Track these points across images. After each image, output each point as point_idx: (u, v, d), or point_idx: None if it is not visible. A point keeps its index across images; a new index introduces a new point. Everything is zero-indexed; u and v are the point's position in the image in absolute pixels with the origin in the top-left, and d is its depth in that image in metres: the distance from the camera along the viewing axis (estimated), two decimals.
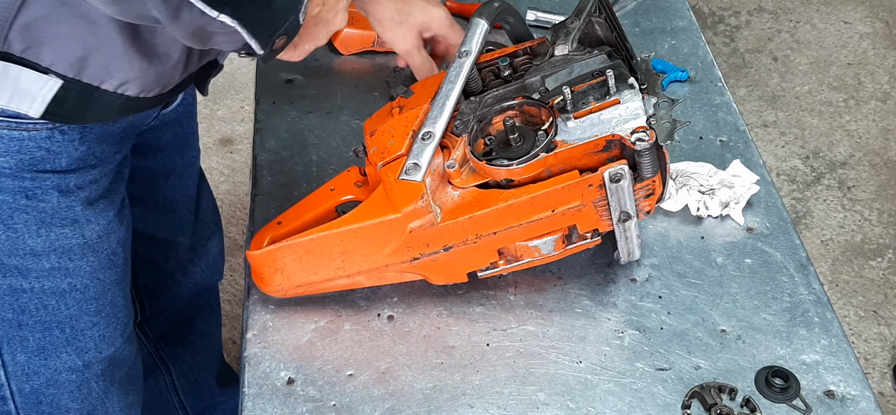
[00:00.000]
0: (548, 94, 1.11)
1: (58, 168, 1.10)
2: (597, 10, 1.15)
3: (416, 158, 1.08)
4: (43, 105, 1.02)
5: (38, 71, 1.00)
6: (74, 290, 1.20)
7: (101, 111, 1.07)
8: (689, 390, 1.09)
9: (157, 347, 1.69)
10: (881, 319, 2.45)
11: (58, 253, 1.16)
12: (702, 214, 1.29)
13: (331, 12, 1.09)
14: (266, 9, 0.95)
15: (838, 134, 2.95)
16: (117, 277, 1.26)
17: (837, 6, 3.41)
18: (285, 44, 1.00)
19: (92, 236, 1.18)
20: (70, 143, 1.09)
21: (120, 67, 1.03)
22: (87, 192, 1.16)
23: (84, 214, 1.16)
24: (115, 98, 1.06)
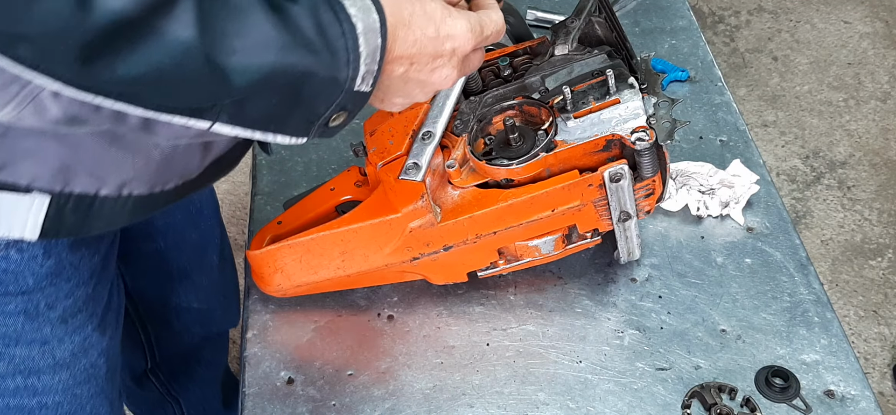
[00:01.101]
0: (548, 94, 1.11)
1: (23, 289, 0.97)
2: (597, 9, 1.15)
3: (416, 158, 1.08)
4: (36, 227, 0.90)
5: (18, 191, 0.88)
6: (45, 408, 1.07)
7: (112, 218, 0.94)
8: (689, 390, 1.09)
9: (168, 386, 1.64)
10: (881, 318, 2.45)
11: (24, 374, 1.04)
12: (702, 213, 1.29)
13: (424, 71, 0.86)
14: (288, 102, 0.79)
15: (838, 134, 2.95)
16: (98, 389, 1.13)
17: (837, 6, 3.41)
18: (347, 118, 0.84)
19: (64, 355, 1.06)
20: (32, 259, 0.96)
21: (111, 171, 0.90)
22: (59, 310, 1.03)
23: (55, 333, 1.04)
24: (122, 202, 0.93)
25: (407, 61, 0.84)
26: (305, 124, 0.82)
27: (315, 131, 0.83)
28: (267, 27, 0.73)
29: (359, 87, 0.80)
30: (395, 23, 0.82)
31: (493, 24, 0.91)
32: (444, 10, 0.85)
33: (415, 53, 0.84)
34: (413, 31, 0.83)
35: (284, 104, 0.78)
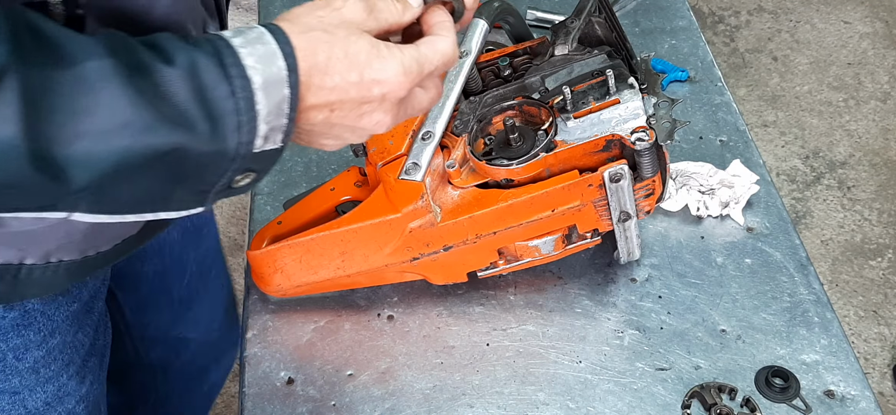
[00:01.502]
0: (548, 94, 1.11)
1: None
2: (597, 9, 1.15)
3: (416, 158, 1.08)
4: None
5: None
6: None
7: (42, 286, 0.88)
8: (689, 390, 1.09)
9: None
10: (881, 318, 2.45)
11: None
12: (702, 213, 1.29)
13: (350, 118, 0.76)
14: (163, 182, 0.68)
15: (838, 134, 2.95)
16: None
17: (837, 6, 3.41)
18: (257, 177, 0.74)
19: (37, 406, 1.01)
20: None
21: (31, 243, 0.84)
22: (29, 360, 0.97)
23: (25, 383, 0.98)
24: (52, 268, 0.87)
25: (326, 109, 0.74)
26: (197, 196, 0.72)
27: (214, 198, 0.73)
28: (121, 104, 0.61)
29: (263, 148, 0.70)
30: (310, 68, 0.71)
31: (438, 56, 0.78)
32: (372, 51, 0.74)
33: (335, 100, 0.73)
34: (332, 77, 0.72)
35: (159, 185, 0.68)
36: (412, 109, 0.80)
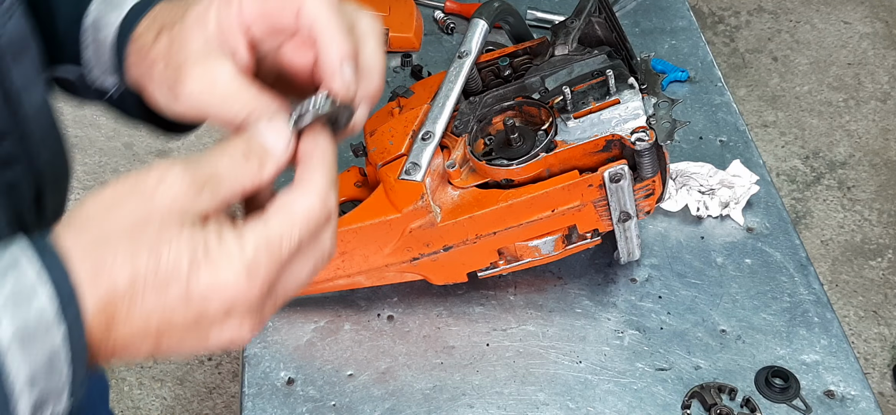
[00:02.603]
0: (548, 94, 1.11)
1: None
2: (597, 9, 1.15)
3: (416, 158, 1.08)
4: None
5: None
6: None
7: None
8: (689, 390, 1.09)
9: None
10: (881, 319, 2.45)
11: None
12: (702, 214, 1.29)
13: (190, 341, 0.56)
14: None
15: (838, 134, 2.95)
16: None
17: (837, 6, 3.41)
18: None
19: None
20: None
21: None
22: None
23: None
24: None
25: (149, 339, 0.54)
26: None
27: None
28: None
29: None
30: (106, 296, 0.51)
31: (300, 225, 0.57)
32: (196, 256, 0.53)
33: (157, 329, 0.54)
34: (142, 302, 0.52)
35: None
36: (288, 293, 0.59)
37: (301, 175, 0.59)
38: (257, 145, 0.58)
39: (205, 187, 0.55)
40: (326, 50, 0.60)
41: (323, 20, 0.60)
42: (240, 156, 0.57)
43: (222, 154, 0.57)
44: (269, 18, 0.62)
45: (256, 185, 0.58)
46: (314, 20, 0.60)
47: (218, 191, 0.56)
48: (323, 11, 0.60)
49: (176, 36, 0.63)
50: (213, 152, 0.57)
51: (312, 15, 0.60)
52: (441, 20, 1.64)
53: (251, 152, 0.58)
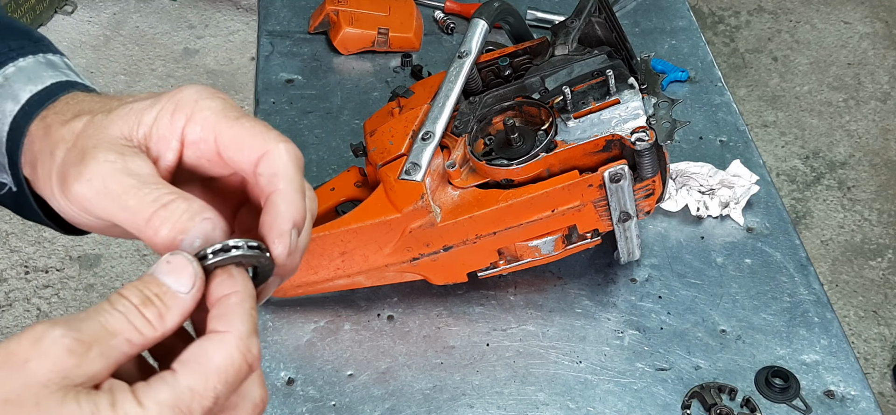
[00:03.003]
0: (548, 94, 1.11)
1: None
2: (597, 10, 1.15)
3: (416, 158, 1.08)
4: None
5: None
6: None
7: None
8: (689, 391, 1.09)
9: None
10: (881, 319, 2.45)
11: None
12: (702, 214, 1.29)
13: None
14: None
15: (838, 134, 2.95)
16: None
17: (837, 6, 3.41)
18: None
19: None
20: None
21: None
22: None
23: None
24: None
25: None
26: None
27: None
28: None
29: None
30: None
31: (216, 382, 0.49)
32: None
33: None
34: None
35: None
36: None
37: (216, 321, 0.50)
38: (157, 287, 0.49)
39: (92, 348, 0.46)
40: (282, 209, 0.54)
41: (288, 178, 0.55)
42: (135, 303, 0.49)
43: (113, 305, 0.48)
44: (224, 150, 0.55)
45: (157, 337, 0.49)
46: (279, 175, 0.55)
47: (109, 351, 0.47)
48: (290, 168, 0.55)
49: (96, 122, 0.56)
50: (101, 306, 0.48)
51: (279, 168, 0.55)
52: (441, 20, 1.64)
53: (149, 298, 0.49)
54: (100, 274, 2.47)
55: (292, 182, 0.55)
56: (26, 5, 3.06)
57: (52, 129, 0.58)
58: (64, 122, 0.58)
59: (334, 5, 1.56)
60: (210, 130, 0.55)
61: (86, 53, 3.10)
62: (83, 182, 0.53)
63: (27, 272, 2.47)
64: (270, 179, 0.55)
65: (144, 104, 0.56)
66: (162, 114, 0.55)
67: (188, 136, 0.55)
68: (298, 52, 1.56)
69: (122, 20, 3.24)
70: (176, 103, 0.55)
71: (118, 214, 0.53)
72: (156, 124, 0.55)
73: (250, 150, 0.55)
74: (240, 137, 0.55)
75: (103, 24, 3.22)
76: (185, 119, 0.55)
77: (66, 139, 0.56)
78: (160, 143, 0.55)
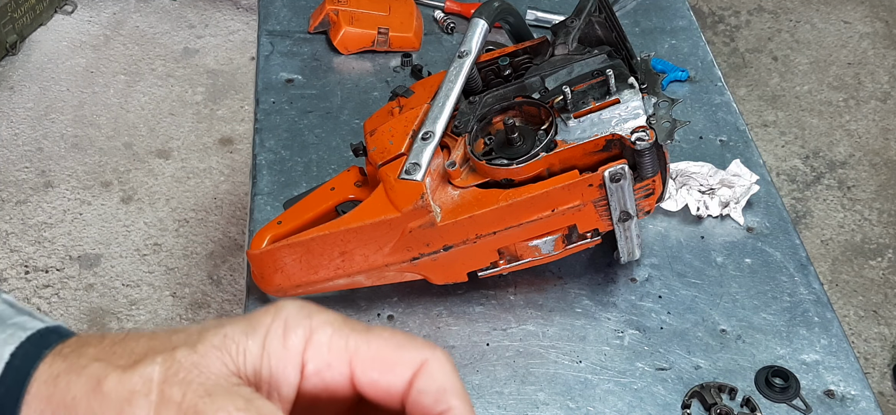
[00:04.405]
0: (548, 94, 1.11)
1: None
2: (597, 9, 1.15)
3: (416, 158, 1.08)
4: None
5: None
6: None
7: None
8: (689, 390, 1.09)
9: None
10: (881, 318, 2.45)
11: None
12: (702, 213, 1.29)
13: None
14: None
15: (838, 134, 2.95)
16: None
17: (837, 6, 3.41)
18: None
19: None
20: None
21: None
22: None
23: None
24: None
25: None
26: None
27: None
28: None
29: None
30: None
31: None
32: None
33: None
34: None
35: None
36: None
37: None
38: None
39: None
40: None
41: (458, 393, 0.46)
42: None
43: None
44: (365, 371, 0.45)
45: None
46: (448, 390, 0.46)
47: None
48: (457, 380, 0.46)
49: (183, 363, 0.44)
50: None
51: (445, 382, 0.46)
52: (441, 20, 1.64)
53: None
54: (100, 274, 2.47)
55: (463, 397, 0.46)
56: (26, 5, 3.05)
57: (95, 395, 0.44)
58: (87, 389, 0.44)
59: (334, 5, 1.56)
60: (340, 350, 0.45)
61: (86, 53, 3.10)
62: None
63: (27, 272, 2.47)
64: (438, 395, 0.45)
65: (239, 329, 0.45)
66: (271, 340, 0.44)
67: (310, 360, 0.45)
68: (298, 51, 1.56)
69: (122, 20, 3.24)
70: (284, 323, 0.45)
71: None
72: (266, 354, 0.45)
73: (403, 364, 0.45)
74: (383, 353, 0.45)
75: (103, 23, 3.22)
76: (302, 342, 0.45)
77: (150, 389, 0.43)
78: (274, 377, 0.45)
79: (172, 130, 2.86)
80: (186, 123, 2.88)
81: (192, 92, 2.98)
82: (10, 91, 2.96)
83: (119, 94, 2.97)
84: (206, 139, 2.83)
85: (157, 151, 2.80)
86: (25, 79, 3.00)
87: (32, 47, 3.10)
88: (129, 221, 2.60)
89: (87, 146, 2.80)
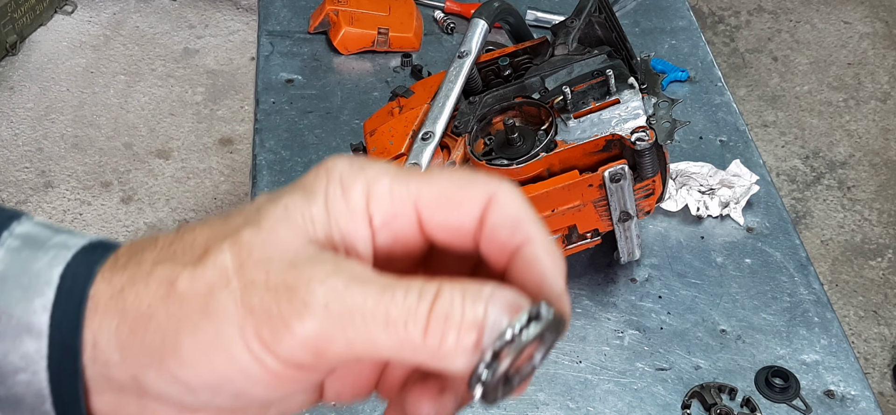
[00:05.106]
0: (548, 94, 1.11)
1: None
2: (597, 9, 1.15)
3: (416, 158, 1.08)
4: None
5: None
6: None
7: None
8: (689, 390, 1.09)
9: None
10: (881, 319, 2.45)
11: None
12: (702, 213, 1.29)
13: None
14: None
15: (838, 134, 2.95)
16: None
17: (837, 6, 3.41)
18: None
19: None
20: None
21: None
22: None
23: None
24: None
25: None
26: None
27: None
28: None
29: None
30: None
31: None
32: None
33: None
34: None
35: None
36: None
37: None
38: None
39: None
40: (547, 262, 0.42)
41: (534, 222, 0.42)
42: None
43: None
44: (432, 214, 0.42)
45: None
46: (523, 219, 0.42)
47: None
48: (530, 210, 0.42)
49: (251, 246, 0.40)
50: None
51: (520, 213, 0.42)
52: (441, 20, 1.64)
53: None
54: None
55: (540, 225, 0.42)
56: (26, 5, 3.05)
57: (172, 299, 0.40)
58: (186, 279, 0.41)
59: (334, 5, 1.56)
60: (403, 197, 0.42)
61: (86, 53, 3.10)
62: (314, 317, 0.38)
63: None
64: (514, 228, 0.42)
65: (298, 197, 0.41)
66: (332, 201, 0.41)
67: (376, 214, 0.42)
68: (298, 52, 1.56)
69: (122, 20, 3.24)
70: (340, 183, 0.41)
71: (377, 335, 0.38)
72: (330, 215, 0.41)
73: (470, 201, 0.42)
74: (447, 192, 0.42)
75: (103, 23, 3.22)
76: (364, 197, 0.42)
77: (229, 277, 0.40)
78: (346, 238, 0.42)
79: (172, 131, 2.86)
80: (186, 123, 2.88)
81: (192, 92, 2.98)
82: (9, 91, 2.96)
83: (119, 94, 2.97)
84: (206, 139, 2.83)
85: (157, 152, 2.80)
86: (25, 79, 3.00)
87: (32, 47, 3.10)
88: (129, 222, 2.60)
89: (87, 146, 2.80)
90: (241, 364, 0.39)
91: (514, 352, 0.37)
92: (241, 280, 0.39)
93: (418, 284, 0.38)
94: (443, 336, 0.37)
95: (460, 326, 0.37)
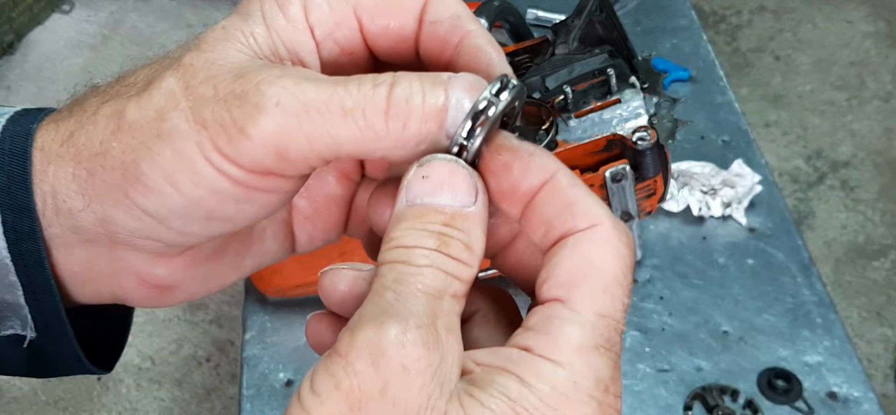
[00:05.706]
0: (548, 94, 1.10)
1: None
2: (598, 8, 1.14)
3: None
4: None
5: None
6: None
7: None
8: (691, 392, 1.08)
9: None
10: (884, 320, 2.44)
11: None
12: (704, 214, 1.28)
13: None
14: None
15: (841, 134, 2.94)
16: None
17: (840, 5, 3.40)
18: None
19: None
20: None
21: None
22: None
23: None
24: None
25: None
26: None
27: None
28: None
29: None
30: None
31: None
32: None
33: None
34: None
35: None
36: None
37: (562, 219, 0.38)
38: (437, 215, 0.38)
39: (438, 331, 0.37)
40: (489, 50, 0.41)
41: (470, 16, 0.42)
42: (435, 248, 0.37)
43: (413, 261, 0.37)
44: (373, 17, 0.41)
45: (472, 277, 0.40)
46: (460, 14, 0.41)
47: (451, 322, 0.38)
48: (463, 6, 0.42)
49: (197, 66, 0.39)
50: (396, 271, 0.37)
51: (455, 6, 0.41)
52: None
53: (443, 233, 0.37)
54: None
55: (477, 21, 0.42)
56: (24, 4, 3.05)
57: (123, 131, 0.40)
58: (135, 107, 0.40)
59: None
60: (343, 5, 0.41)
61: (83, 53, 3.10)
62: (267, 115, 0.37)
63: None
64: (453, 22, 0.41)
65: (235, 19, 0.41)
66: (270, 16, 0.41)
67: (317, 25, 0.41)
68: None
69: (120, 19, 3.23)
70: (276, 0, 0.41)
71: (336, 128, 0.37)
72: (271, 29, 0.41)
73: (409, 0, 0.41)
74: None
75: (101, 23, 3.21)
76: (302, 9, 0.41)
77: (177, 99, 0.39)
78: (292, 50, 0.41)
79: None
80: None
81: None
82: (6, 91, 2.96)
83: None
84: None
85: None
86: (22, 78, 2.99)
87: (30, 47, 3.10)
88: None
89: None
90: (206, 181, 0.38)
91: (493, 118, 0.37)
92: (189, 99, 0.38)
93: (371, 76, 0.38)
94: (406, 120, 0.37)
95: (422, 108, 0.37)
